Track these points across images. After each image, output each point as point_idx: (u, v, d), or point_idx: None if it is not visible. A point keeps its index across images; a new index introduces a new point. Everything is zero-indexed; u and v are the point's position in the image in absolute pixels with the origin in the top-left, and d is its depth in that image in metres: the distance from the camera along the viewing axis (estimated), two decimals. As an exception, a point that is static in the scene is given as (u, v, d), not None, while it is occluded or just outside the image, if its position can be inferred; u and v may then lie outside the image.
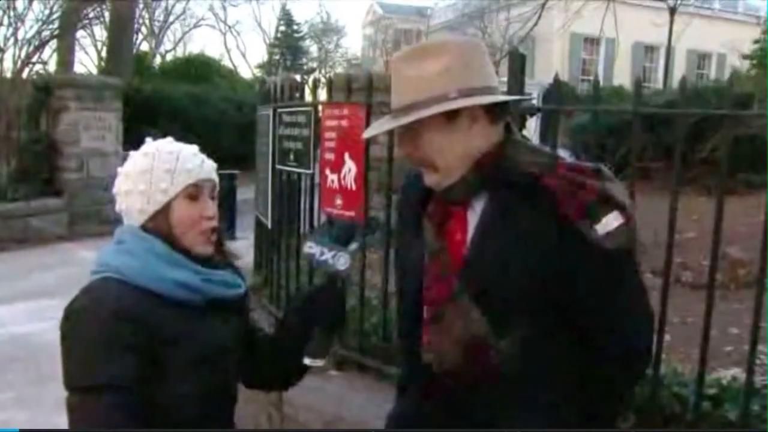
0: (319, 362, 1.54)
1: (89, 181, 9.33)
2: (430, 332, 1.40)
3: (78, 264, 7.27)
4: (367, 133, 1.53)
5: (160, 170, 1.46)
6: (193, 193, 1.49)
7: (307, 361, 1.54)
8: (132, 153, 1.53)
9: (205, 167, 1.52)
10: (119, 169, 1.53)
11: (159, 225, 1.47)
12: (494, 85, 1.38)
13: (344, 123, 3.23)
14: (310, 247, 1.52)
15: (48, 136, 9.43)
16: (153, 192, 1.46)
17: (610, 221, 1.27)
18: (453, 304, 1.36)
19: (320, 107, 3.53)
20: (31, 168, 9.17)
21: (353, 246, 1.53)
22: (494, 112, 1.36)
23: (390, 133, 3.14)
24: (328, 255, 1.50)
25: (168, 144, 1.52)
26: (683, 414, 2.45)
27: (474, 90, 1.32)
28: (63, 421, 1.32)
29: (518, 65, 2.59)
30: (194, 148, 1.55)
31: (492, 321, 1.33)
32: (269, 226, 4.29)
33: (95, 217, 9.08)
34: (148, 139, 1.55)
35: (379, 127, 1.47)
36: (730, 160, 2.45)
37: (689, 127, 2.40)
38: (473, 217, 1.38)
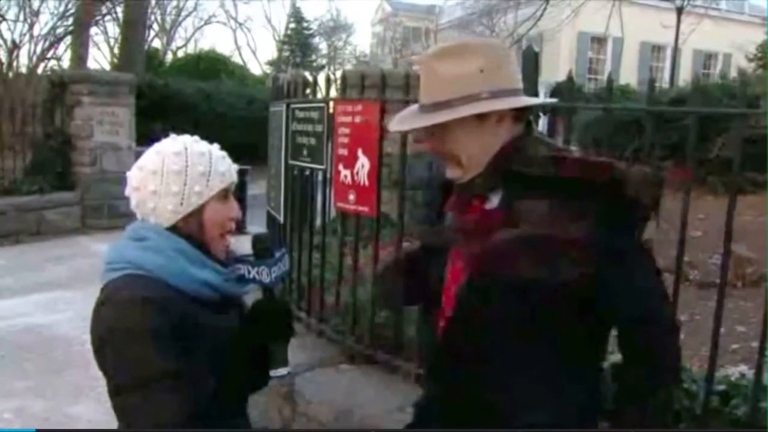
0: (282, 371, 1.58)
1: (102, 176, 9.37)
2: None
3: (90, 257, 7.32)
4: (394, 127, 1.54)
5: (195, 172, 1.46)
6: (224, 195, 1.51)
7: (271, 373, 1.57)
8: (158, 149, 1.49)
9: (233, 170, 1.54)
10: (140, 164, 1.50)
11: (190, 225, 1.48)
12: (520, 87, 1.42)
13: (357, 119, 3.26)
14: (238, 269, 1.55)
15: (62, 130, 9.46)
16: (188, 194, 1.46)
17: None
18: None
19: (333, 103, 3.56)
20: (46, 162, 9.20)
21: (277, 254, 1.58)
22: (519, 112, 1.41)
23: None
24: (253, 272, 1.55)
25: (196, 144, 1.51)
26: (692, 409, 2.48)
27: (504, 92, 1.37)
28: (78, 410, 1.33)
29: (531, 64, 2.62)
30: (219, 149, 1.55)
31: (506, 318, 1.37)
32: (281, 220, 4.33)
33: (108, 210, 9.14)
34: (172, 135, 1.53)
35: (410, 122, 1.48)
36: (740, 159, 2.46)
37: (697, 125, 2.41)
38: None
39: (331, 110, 3.51)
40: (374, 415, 2.85)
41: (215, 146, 1.55)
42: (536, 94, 2.70)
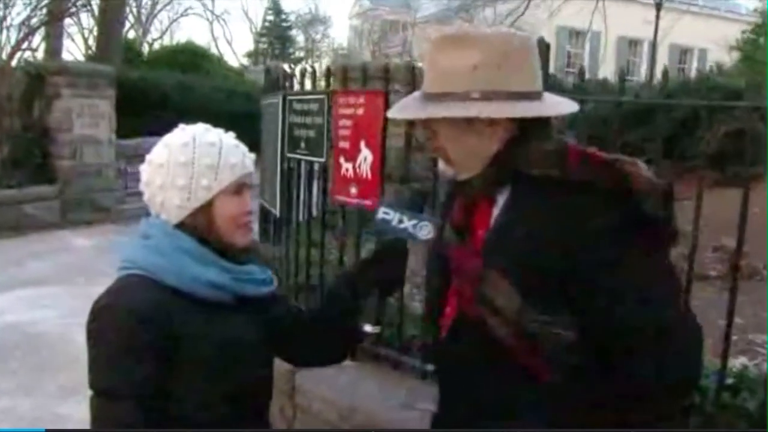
0: (377, 328, 1.52)
1: (82, 169, 9.25)
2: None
3: (71, 252, 7.23)
4: (393, 113, 1.45)
5: (203, 165, 1.39)
6: (236, 189, 1.43)
7: (367, 328, 1.49)
8: (166, 141, 1.44)
9: (247, 161, 1.46)
10: (149, 158, 1.44)
11: (198, 221, 1.41)
12: (526, 90, 1.30)
13: (360, 111, 3.20)
14: (386, 213, 1.43)
15: (41, 123, 9.33)
16: (195, 188, 1.39)
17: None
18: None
19: (334, 95, 3.50)
20: (24, 155, 9.08)
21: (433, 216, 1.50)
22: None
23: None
24: (408, 223, 1.43)
25: (207, 133, 1.44)
26: (703, 404, 2.48)
27: (499, 94, 1.26)
28: (65, 409, 1.31)
29: (542, 56, 2.55)
30: (233, 138, 1.47)
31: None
32: (277, 214, 4.27)
33: (88, 204, 9.04)
34: (181, 125, 1.46)
35: (403, 110, 1.41)
36: (735, 153, 2.46)
37: (679, 119, 2.40)
38: (496, 212, 1.35)
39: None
40: (378, 412, 2.82)
41: (229, 135, 1.47)
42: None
